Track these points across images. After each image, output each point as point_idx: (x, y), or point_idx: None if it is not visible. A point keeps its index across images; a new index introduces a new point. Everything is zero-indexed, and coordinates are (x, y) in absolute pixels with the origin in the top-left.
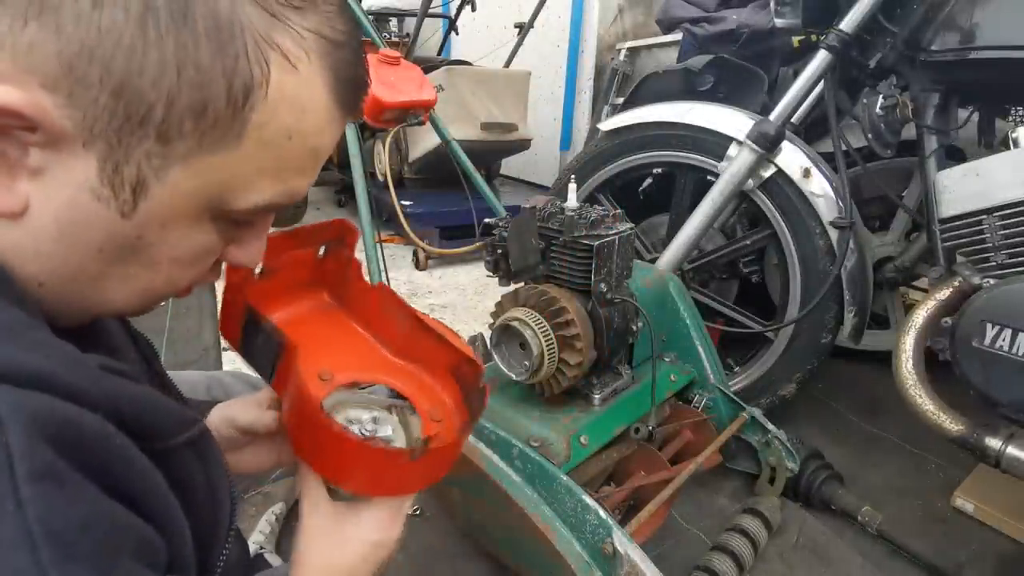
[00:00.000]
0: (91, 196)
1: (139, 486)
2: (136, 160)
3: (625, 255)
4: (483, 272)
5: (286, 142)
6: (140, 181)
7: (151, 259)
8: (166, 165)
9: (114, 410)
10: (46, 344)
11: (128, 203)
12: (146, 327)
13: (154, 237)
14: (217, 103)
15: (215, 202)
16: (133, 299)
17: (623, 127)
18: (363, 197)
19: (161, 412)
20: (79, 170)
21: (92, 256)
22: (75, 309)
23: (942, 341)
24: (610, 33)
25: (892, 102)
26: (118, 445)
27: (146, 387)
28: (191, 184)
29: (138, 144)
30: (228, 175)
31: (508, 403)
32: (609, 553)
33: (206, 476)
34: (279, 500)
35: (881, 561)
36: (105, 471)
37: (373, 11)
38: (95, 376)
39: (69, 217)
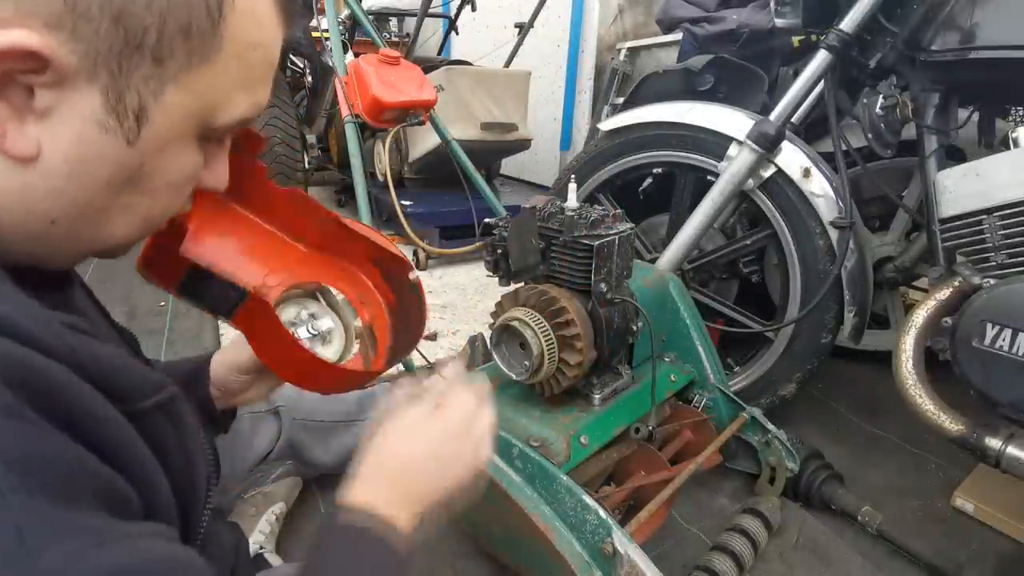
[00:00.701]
0: (98, 128)
1: (107, 436)
2: (136, 86)
3: (625, 255)
4: (483, 272)
5: (252, 53)
6: (141, 106)
7: (151, 186)
8: (162, 87)
9: (78, 365)
10: (10, 297)
11: (132, 130)
12: (146, 327)
13: (155, 163)
14: (200, 18)
15: (203, 120)
16: (133, 229)
17: (623, 127)
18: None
19: (130, 373)
20: (85, 104)
21: (100, 189)
22: (79, 247)
23: (942, 341)
24: (610, 33)
25: (892, 102)
26: (85, 395)
27: (112, 348)
28: (184, 103)
29: (136, 69)
30: (212, 91)
31: (508, 403)
32: (609, 553)
33: (179, 439)
34: (279, 500)
35: (881, 561)
36: (70, 418)
37: (373, 11)
38: (57, 331)
39: (79, 153)
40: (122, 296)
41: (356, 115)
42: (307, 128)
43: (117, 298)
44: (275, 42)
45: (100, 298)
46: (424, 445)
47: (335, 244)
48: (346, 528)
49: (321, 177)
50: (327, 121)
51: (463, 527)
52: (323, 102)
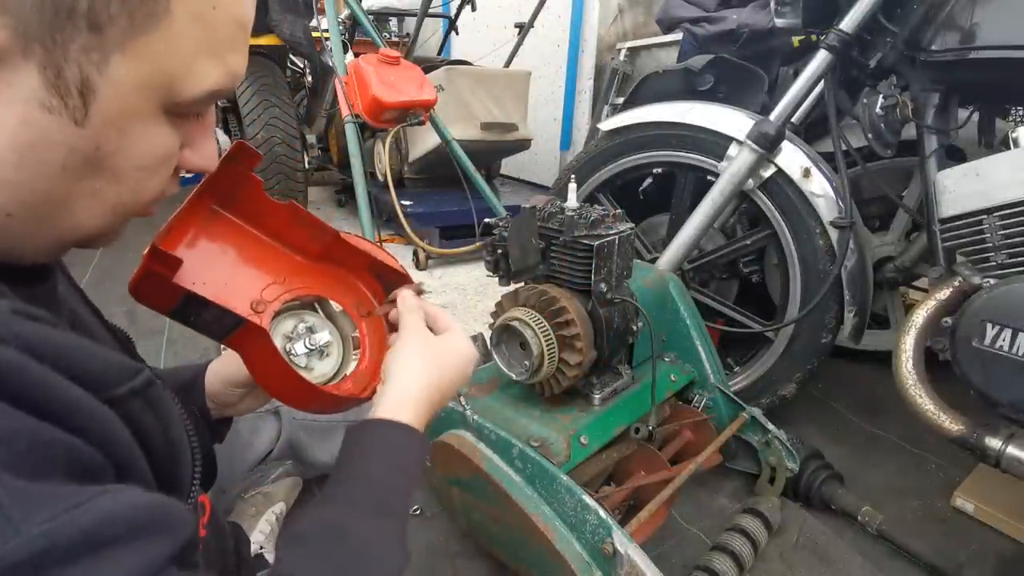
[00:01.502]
0: (41, 109)
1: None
2: (75, 59)
3: (625, 255)
4: (483, 272)
5: (211, 12)
6: (84, 80)
7: (115, 170)
8: (105, 57)
9: (28, 351)
10: None
11: (79, 108)
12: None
13: (113, 145)
14: None
15: (164, 93)
16: (103, 218)
17: (623, 127)
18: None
19: (96, 361)
20: (23, 84)
21: (56, 176)
22: (46, 239)
23: (942, 341)
24: (610, 33)
25: (892, 102)
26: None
27: (73, 335)
28: (135, 75)
29: (72, 40)
30: (168, 59)
31: (508, 403)
32: (609, 553)
33: (161, 425)
34: (279, 500)
35: (881, 561)
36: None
37: (373, 11)
38: (6, 318)
39: (26, 138)
40: (122, 296)
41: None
42: (307, 128)
43: (117, 298)
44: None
45: (100, 298)
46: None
47: (333, 255)
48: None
49: (321, 177)
50: (327, 121)
51: (463, 527)
52: (323, 102)
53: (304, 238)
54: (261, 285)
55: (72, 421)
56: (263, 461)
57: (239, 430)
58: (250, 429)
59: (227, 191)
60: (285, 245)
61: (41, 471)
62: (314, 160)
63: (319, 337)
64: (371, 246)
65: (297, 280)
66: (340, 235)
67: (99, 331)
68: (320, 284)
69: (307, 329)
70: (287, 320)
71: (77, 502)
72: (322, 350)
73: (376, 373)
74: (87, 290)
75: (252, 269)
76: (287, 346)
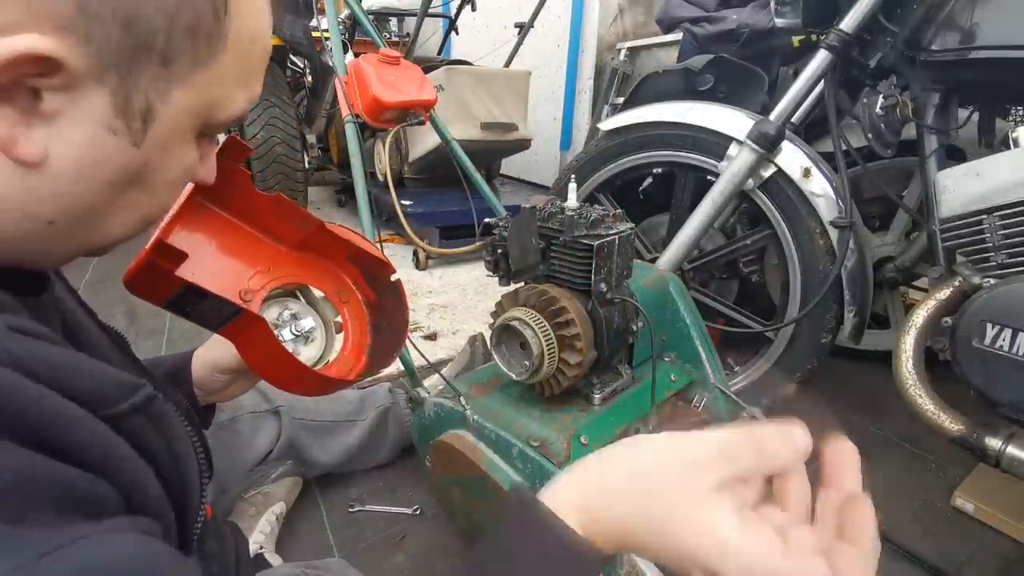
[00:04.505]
0: (106, 131)
1: (69, 437)
2: (143, 88)
3: (625, 255)
4: (483, 272)
5: (251, 47)
6: (148, 107)
7: (152, 184)
8: (169, 87)
9: (23, 371)
10: None
11: (139, 131)
12: (146, 327)
13: (157, 163)
14: (206, 18)
15: (205, 117)
16: (132, 227)
17: (623, 127)
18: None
19: (95, 378)
20: (94, 107)
21: (103, 190)
22: (73, 246)
23: (942, 341)
24: (610, 33)
25: (892, 102)
26: (33, 396)
27: (70, 352)
28: (188, 102)
29: (145, 71)
30: (215, 88)
31: (508, 403)
32: None
33: (165, 441)
34: (279, 500)
35: (881, 561)
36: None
37: (373, 11)
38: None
39: (86, 156)
40: (122, 296)
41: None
42: (307, 128)
43: (117, 298)
44: (269, 32)
45: (100, 298)
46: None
47: (315, 244)
48: None
49: (321, 177)
50: (327, 121)
51: (463, 527)
52: (323, 102)
53: (289, 229)
54: (248, 274)
55: (68, 448)
56: (263, 461)
57: (239, 430)
58: (250, 429)
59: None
60: (269, 235)
61: (26, 509)
62: (314, 160)
63: (304, 323)
64: (352, 235)
65: (281, 268)
66: (324, 225)
67: (95, 333)
68: (303, 272)
69: (292, 316)
70: (272, 307)
71: (46, 550)
72: (307, 336)
73: (359, 357)
74: (87, 290)
75: (238, 259)
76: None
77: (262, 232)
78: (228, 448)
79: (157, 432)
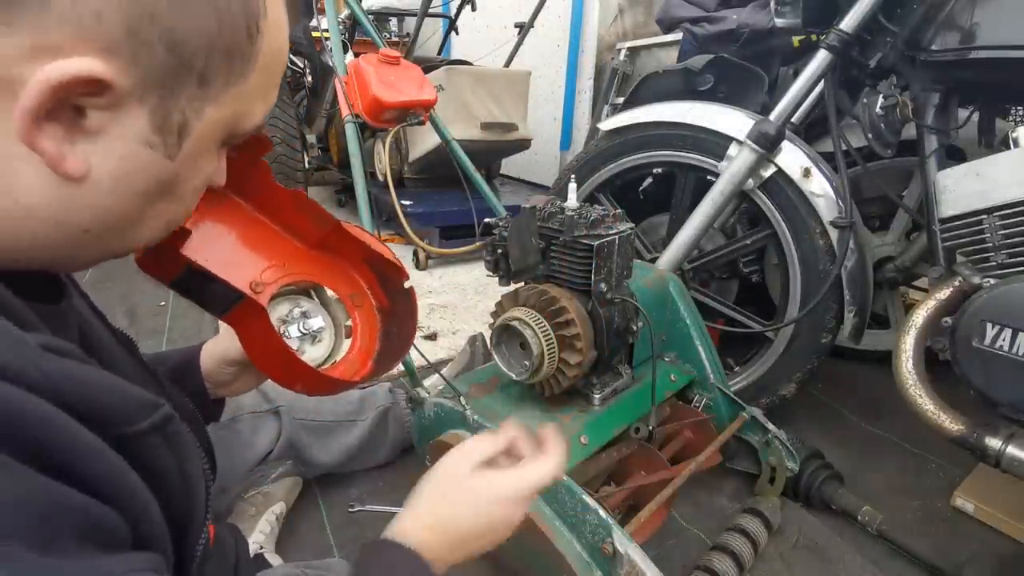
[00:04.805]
0: (144, 146)
1: (90, 467)
2: (181, 106)
3: (625, 255)
4: (483, 272)
5: (274, 61)
6: (184, 123)
7: (180, 193)
8: (204, 105)
9: (55, 392)
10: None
11: (174, 146)
12: (146, 327)
13: (187, 173)
14: (241, 40)
15: (231, 130)
16: (157, 232)
17: (623, 127)
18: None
19: (118, 397)
20: (134, 124)
21: (137, 200)
22: (103, 251)
23: (942, 341)
24: (610, 33)
25: (892, 102)
26: (61, 426)
27: (97, 370)
28: (219, 117)
29: (183, 91)
30: (242, 103)
31: (508, 403)
32: (609, 553)
33: (177, 461)
34: (279, 500)
35: (881, 561)
36: (47, 453)
37: (373, 11)
38: (35, 355)
39: (123, 169)
40: (122, 296)
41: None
42: (307, 128)
43: (117, 298)
44: (287, 45)
45: (100, 298)
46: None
47: (332, 244)
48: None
49: (321, 177)
50: (327, 121)
51: None
52: (323, 102)
53: (306, 225)
54: (261, 267)
55: (87, 478)
56: (263, 461)
57: (239, 430)
58: (250, 429)
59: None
60: (287, 231)
61: (55, 539)
62: (314, 160)
63: (313, 323)
64: (370, 237)
65: (296, 265)
66: (341, 224)
67: (106, 338)
68: (318, 271)
69: (302, 314)
70: (283, 304)
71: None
72: (315, 335)
73: (366, 362)
74: (87, 289)
75: (254, 251)
76: (281, 328)
77: (281, 227)
78: (228, 448)
79: (170, 452)
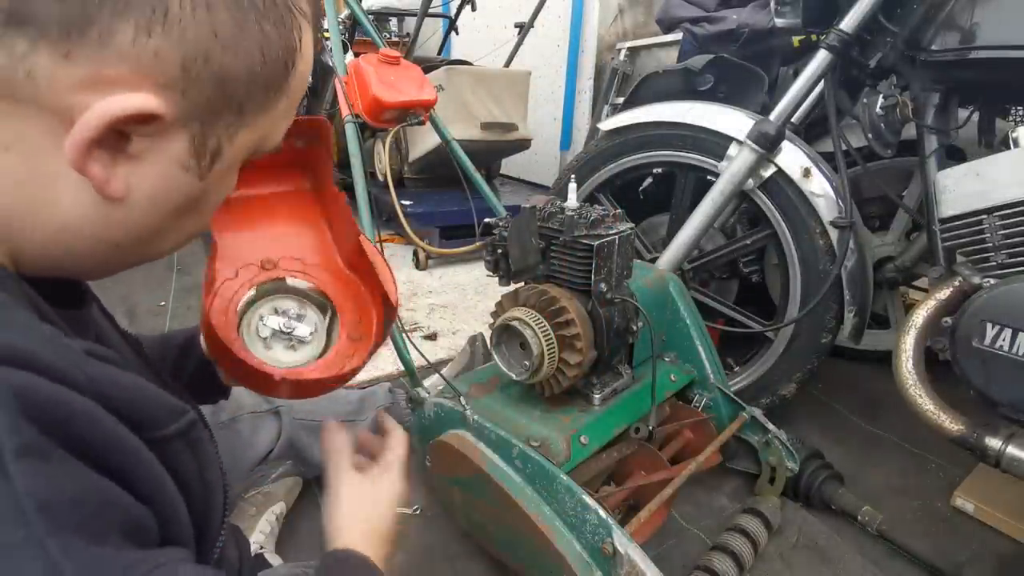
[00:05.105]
0: (180, 168)
1: (131, 467)
2: (217, 132)
3: (625, 255)
4: (483, 272)
5: (300, 85)
6: (218, 147)
7: (204, 208)
8: (238, 131)
9: (100, 395)
10: (28, 326)
11: (207, 168)
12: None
13: (213, 190)
14: (279, 72)
15: (256, 150)
16: (180, 243)
17: (623, 127)
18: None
19: (150, 401)
20: (173, 149)
21: (167, 216)
22: (129, 262)
23: (942, 341)
24: (610, 33)
25: (892, 102)
26: (109, 427)
27: (133, 375)
28: (249, 140)
29: (222, 119)
30: (270, 126)
31: (508, 403)
32: (609, 553)
33: (198, 466)
34: (279, 500)
35: (881, 561)
36: (96, 451)
37: (373, 11)
38: (80, 360)
39: (159, 189)
40: (122, 296)
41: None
42: None
43: (117, 299)
44: (311, 66)
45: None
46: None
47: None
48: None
49: None
50: None
51: (463, 527)
52: (323, 102)
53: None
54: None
55: (132, 479)
56: (263, 461)
57: (239, 430)
58: (250, 429)
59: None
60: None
61: (105, 533)
62: None
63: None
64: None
65: (317, 272)
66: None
67: (117, 341)
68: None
69: (297, 315)
70: (288, 300)
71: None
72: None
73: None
74: None
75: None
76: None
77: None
78: (228, 448)
79: (193, 457)
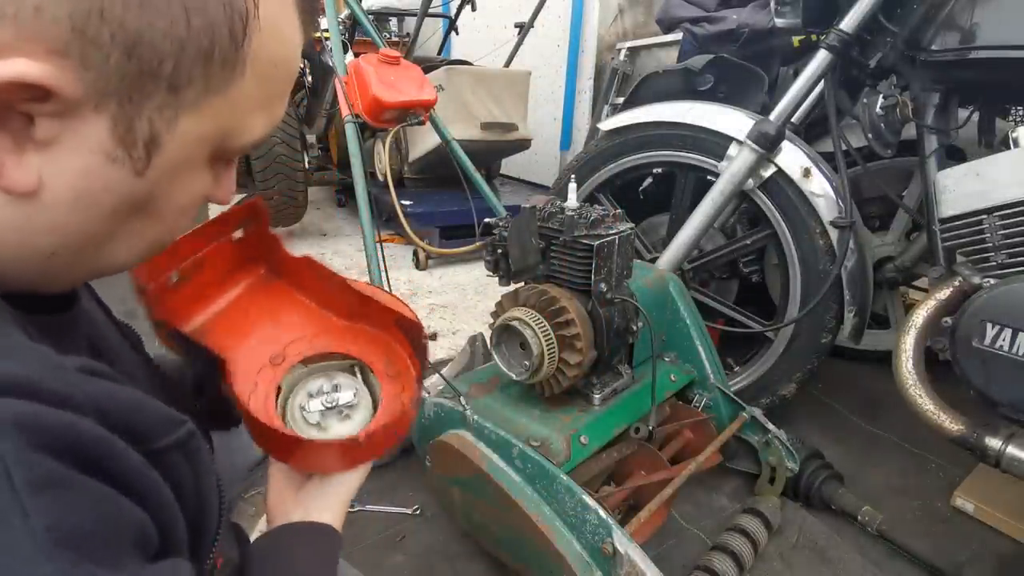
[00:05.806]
0: (105, 160)
1: (138, 482)
2: (147, 115)
3: (625, 255)
4: (483, 272)
5: (274, 71)
6: (153, 135)
7: (159, 213)
8: (176, 115)
9: (99, 413)
10: (19, 349)
11: (142, 160)
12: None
13: (164, 191)
14: (223, 43)
15: (219, 144)
16: (139, 253)
17: (623, 127)
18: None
19: (148, 414)
20: (91, 135)
21: (105, 219)
22: (81, 274)
23: (942, 341)
24: (610, 33)
25: (892, 102)
26: (114, 445)
27: (129, 389)
28: (199, 129)
29: (149, 99)
30: (231, 115)
31: (508, 403)
32: (609, 553)
33: (194, 478)
34: None
35: (881, 561)
36: (107, 469)
37: (373, 11)
38: (76, 380)
39: (84, 185)
40: (122, 296)
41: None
42: (307, 128)
43: (117, 298)
44: (297, 55)
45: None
46: None
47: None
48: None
49: (321, 177)
50: (327, 121)
51: (463, 527)
52: (323, 102)
53: (328, 291)
54: (287, 340)
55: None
56: (263, 461)
57: (239, 430)
58: None
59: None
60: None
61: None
62: (314, 160)
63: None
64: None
65: (324, 338)
66: (346, 281)
67: (115, 341)
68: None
69: (333, 387)
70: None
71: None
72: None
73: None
74: None
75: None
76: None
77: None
78: (228, 448)
79: (190, 468)
